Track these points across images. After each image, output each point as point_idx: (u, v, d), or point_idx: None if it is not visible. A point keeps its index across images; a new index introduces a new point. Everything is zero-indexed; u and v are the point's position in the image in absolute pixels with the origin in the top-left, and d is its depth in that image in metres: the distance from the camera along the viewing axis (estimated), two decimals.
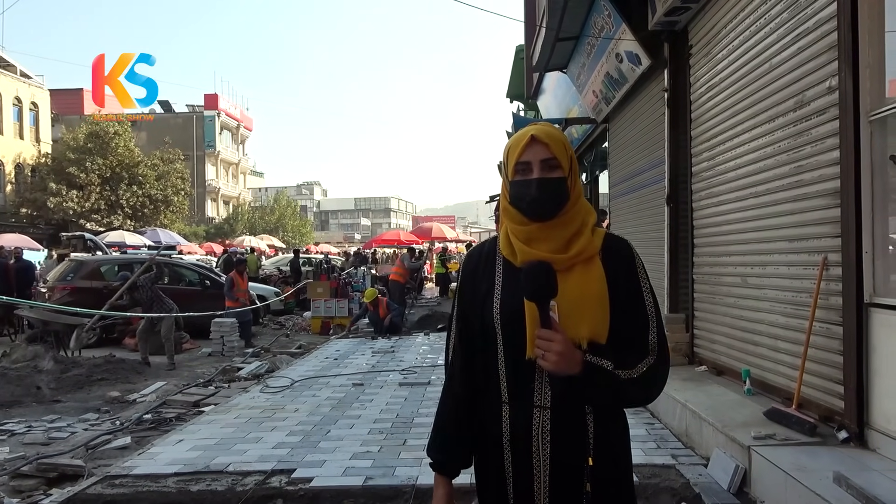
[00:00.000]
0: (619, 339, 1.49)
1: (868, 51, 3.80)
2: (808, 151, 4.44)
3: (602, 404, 1.50)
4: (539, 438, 1.49)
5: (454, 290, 1.83)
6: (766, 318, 5.03)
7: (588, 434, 1.48)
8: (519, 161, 1.52)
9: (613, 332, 1.49)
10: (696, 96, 6.41)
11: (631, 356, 1.49)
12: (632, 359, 1.48)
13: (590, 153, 12.56)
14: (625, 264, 1.56)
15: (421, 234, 31.12)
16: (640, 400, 1.55)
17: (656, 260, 7.37)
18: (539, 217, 1.52)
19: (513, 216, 1.56)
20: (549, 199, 1.50)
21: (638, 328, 1.52)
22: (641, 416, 5.70)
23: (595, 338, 1.47)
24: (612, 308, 1.49)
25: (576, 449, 1.48)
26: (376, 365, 8.73)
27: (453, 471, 1.64)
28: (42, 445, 5.49)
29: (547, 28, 8.87)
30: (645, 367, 1.48)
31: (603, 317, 1.48)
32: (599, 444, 1.49)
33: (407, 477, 4.27)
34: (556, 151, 1.51)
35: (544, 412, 1.49)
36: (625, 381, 1.46)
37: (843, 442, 3.88)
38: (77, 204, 30.87)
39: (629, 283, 1.54)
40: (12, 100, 32.73)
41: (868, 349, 3.83)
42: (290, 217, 49.02)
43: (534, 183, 1.50)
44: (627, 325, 1.51)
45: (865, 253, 3.83)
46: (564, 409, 1.48)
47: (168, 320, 9.65)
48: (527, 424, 1.50)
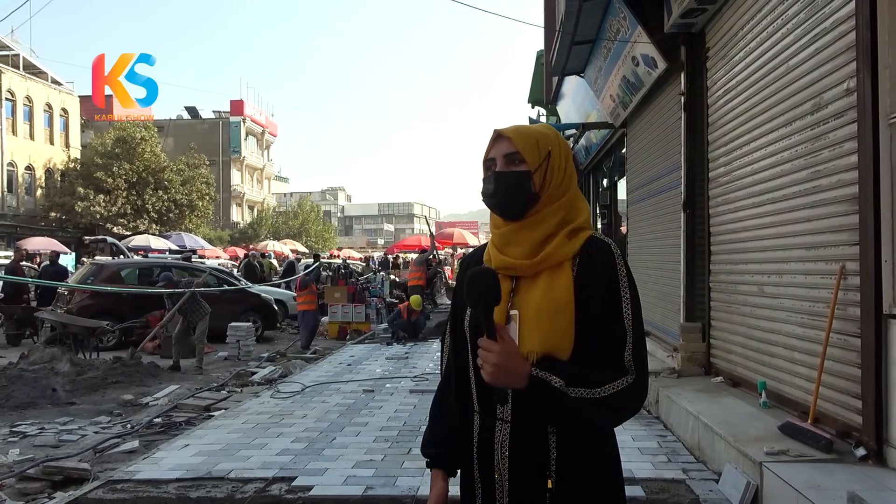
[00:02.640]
0: (593, 354, 1.38)
1: (888, 51, 3.64)
2: (825, 156, 4.28)
3: (560, 423, 1.38)
4: (499, 453, 1.42)
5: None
6: (783, 328, 4.86)
7: (549, 454, 1.38)
8: (486, 158, 1.50)
9: (584, 347, 1.38)
10: (713, 100, 6.26)
11: (600, 374, 1.36)
12: (600, 377, 1.35)
13: (608, 159, 12.40)
14: (603, 272, 1.41)
15: (442, 240, 31.08)
16: (603, 423, 1.41)
17: (673, 267, 7.21)
18: (505, 215, 1.47)
19: (492, 218, 1.54)
20: (507, 193, 1.45)
21: (613, 344, 1.39)
22: (654, 427, 5.56)
23: (551, 351, 1.36)
24: (582, 321, 1.38)
25: (535, 468, 1.39)
26: (389, 371, 8.67)
27: (450, 465, 1.58)
28: (52, 448, 5.53)
29: (563, 32, 8.77)
30: (614, 389, 1.34)
31: (561, 329, 1.37)
32: (564, 466, 1.38)
33: (408, 487, 4.20)
34: (520, 145, 1.45)
35: (505, 426, 1.41)
36: (577, 399, 1.32)
37: (860, 459, 3.71)
38: (104, 208, 31.42)
39: (606, 294, 1.40)
40: (43, 106, 33.48)
41: (887, 362, 3.66)
42: (314, 222, 49.36)
43: (492, 177, 1.47)
44: (602, 339, 1.39)
45: (885, 262, 3.66)
46: (524, 424, 1.40)
47: (203, 323, 9.69)
48: (490, 437, 1.44)
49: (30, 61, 33.35)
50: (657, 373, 6.52)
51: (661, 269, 7.88)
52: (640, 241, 9.11)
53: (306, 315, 11.90)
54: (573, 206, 1.48)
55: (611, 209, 12.66)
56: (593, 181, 14.81)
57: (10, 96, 31.15)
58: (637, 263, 9.21)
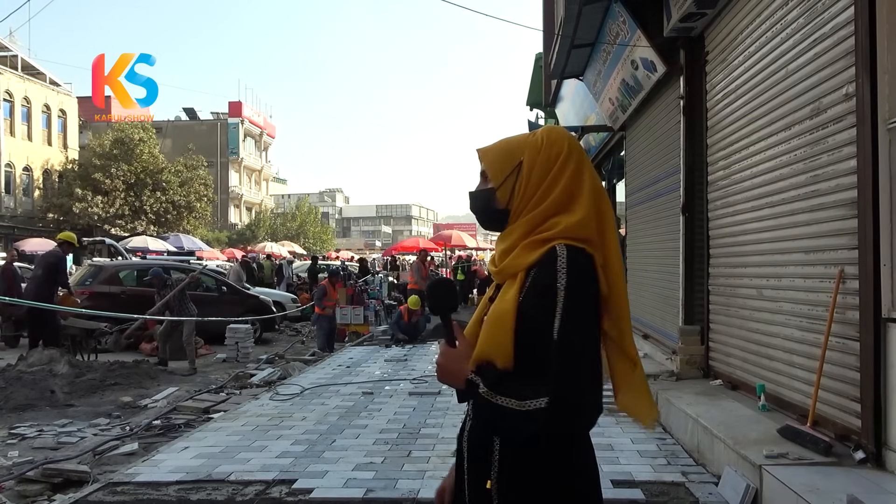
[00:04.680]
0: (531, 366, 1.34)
1: (886, 56, 3.66)
2: (824, 160, 4.30)
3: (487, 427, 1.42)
4: (466, 446, 1.50)
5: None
6: (782, 331, 4.88)
7: (493, 455, 1.40)
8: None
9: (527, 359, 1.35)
10: (713, 103, 6.28)
11: (529, 387, 1.31)
12: (527, 390, 1.30)
13: (607, 161, 12.43)
14: (542, 281, 1.35)
15: (440, 242, 31.05)
16: (514, 434, 1.35)
17: (672, 270, 7.23)
18: (487, 229, 1.60)
19: None
20: (477, 211, 1.56)
21: (544, 357, 1.32)
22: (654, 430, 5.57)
23: (489, 358, 1.37)
24: (525, 332, 1.35)
25: (481, 466, 1.43)
26: (388, 373, 8.68)
27: None
28: (51, 450, 5.51)
29: (562, 35, 8.79)
30: (537, 405, 1.28)
31: (497, 338, 1.37)
32: (505, 468, 1.39)
33: (408, 490, 4.20)
34: (486, 163, 1.52)
35: (468, 420, 1.51)
36: (503, 408, 1.30)
37: (859, 462, 3.72)
38: (102, 209, 31.42)
39: (540, 307, 1.33)
40: (41, 107, 33.48)
41: (886, 366, 3.67)
42: (312, 224, 49.36)
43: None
44: (534, 351, 1.34)
45: (883, 266, 3.68)
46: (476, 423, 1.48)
47: (189, 325, 9.76)
48: (463, 428, 1.54)
49: (28, 62, 33.35)
50: (656, 375, 6.54)
51: (660, 272, 7.90)
52: (639, 244, 9.13)
53: (320, 318, 11.98)
54: (557, 212, 1.41)
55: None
56: None
57: (9, 97, 31.16)
58: (636, 266, 9.24)
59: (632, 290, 9.33)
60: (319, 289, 12.54)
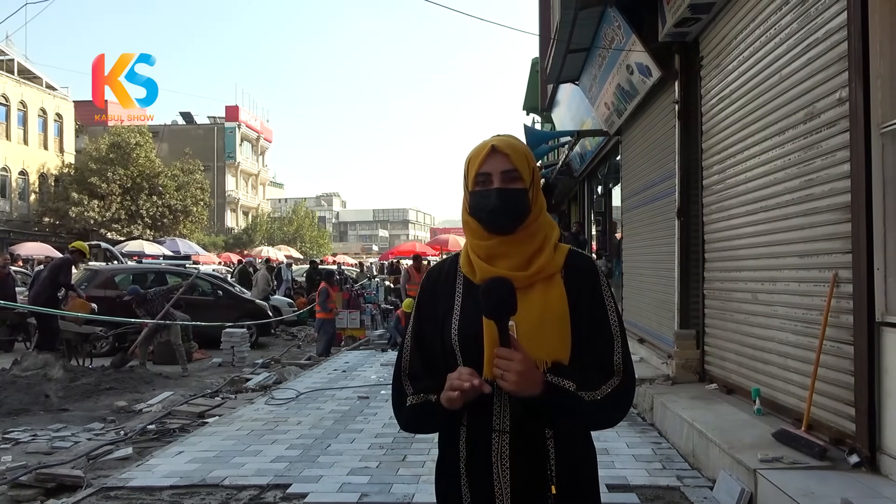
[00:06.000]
0: (583, 359, 1.44)
1: (879, 61, 3.69)
2: (818, 164, 4.32)
3: (565, 427, 1.43)
4: (499, 465, 1.41)
5: None
6: (776, 335, 4.89)
7: (550, 460, 1.41)
8: (479, 172, 1.48)
9: (577, 353, 1.43)
10: (707, 108, 6.30)
11: (595, 377, 1.43)
12: (596, 380, 1.43)
13: (603, 166, 12.46)
14: (589, 283, 1.50)
15: (437, 246, 31.03)
16: (605, 422, 1.48)
17: (667, 274, 7.23)
18: (499, 230, 1.47)
19: (473, 230, 1.51)
20: (510, 211, 1.45)
21: (603, 349, 1.47)
22: (648, 434, 5.57)
23: (556, 358, 1.41)
24: (575, 328, 1.44)
25: (537, 476, 1.41)
26: (384, 378, 8.65)
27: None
28: (45, 455, 5.49)
29: (558, 40, 8.82)
30: (610, 389, 1.43)
31: (563, 337, 1.42)
32: (563, 470, 1.42)
33: (403, 494, 4.19)
34: (517, 163, 1.47)
35: (503, 436, 1.42)
36: (588, 402, 1.40)
37: (854, 466, 3.73)
38: (98, 213, 31.31)
39: (593, 303, 1.49)
40: (37, 111, 33.39)
41: (880, 370, 3.68)
42: (309, 228, 49.31)
43: (493, 193, 1.46)
44: (591, 345, 1.46)
45: (877, 270, 3.69)
46: (524, 433, 1.41)
47: (174, 328, 9.79)
48: (486, 449, 1.43)
49: (24, 66, 33.26)
50: (651, 380, 6.54)
51: (655, 276, 7.91)
52: (635, 248, 9.14)
53: (325, 323, 11.93)
54: (549, 221, 1.54)
55: (605, 216, 12.71)
56: (588, 188, 14.87)
57: (5, 101, 31.07)
58: (631, 270, 9.25)
59: (627, 294, 9.35)
60: (322, 291, 12.40)
